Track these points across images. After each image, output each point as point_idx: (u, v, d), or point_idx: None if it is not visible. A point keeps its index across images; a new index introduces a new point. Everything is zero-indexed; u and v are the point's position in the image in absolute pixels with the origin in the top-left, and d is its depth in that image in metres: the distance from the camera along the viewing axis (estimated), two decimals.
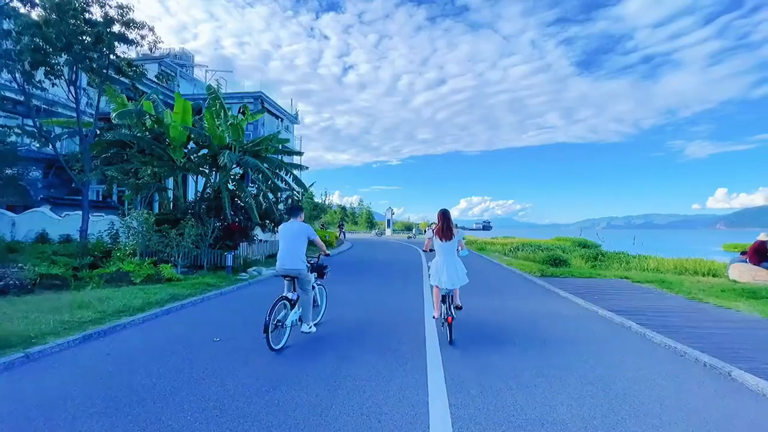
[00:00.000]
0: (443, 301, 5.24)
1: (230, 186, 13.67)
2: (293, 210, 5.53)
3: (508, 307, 7.29)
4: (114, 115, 12.23)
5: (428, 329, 5.55)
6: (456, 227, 5.33)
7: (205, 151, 13.60)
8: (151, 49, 11.23)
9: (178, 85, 27.32)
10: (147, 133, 12.99)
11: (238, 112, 13.76)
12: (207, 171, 14.05)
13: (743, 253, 12.52)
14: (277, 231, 5.55)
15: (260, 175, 13.52)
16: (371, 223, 74.62)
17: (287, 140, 16.28)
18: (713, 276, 12.62)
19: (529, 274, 11.33)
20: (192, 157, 14.16)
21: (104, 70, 11.13)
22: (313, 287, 5.38)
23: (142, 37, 11.16)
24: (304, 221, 5.41)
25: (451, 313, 5.06)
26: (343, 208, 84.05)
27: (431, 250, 5.52)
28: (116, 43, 10.82)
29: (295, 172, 17.83)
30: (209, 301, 7.66)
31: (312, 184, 38.55)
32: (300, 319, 5.17)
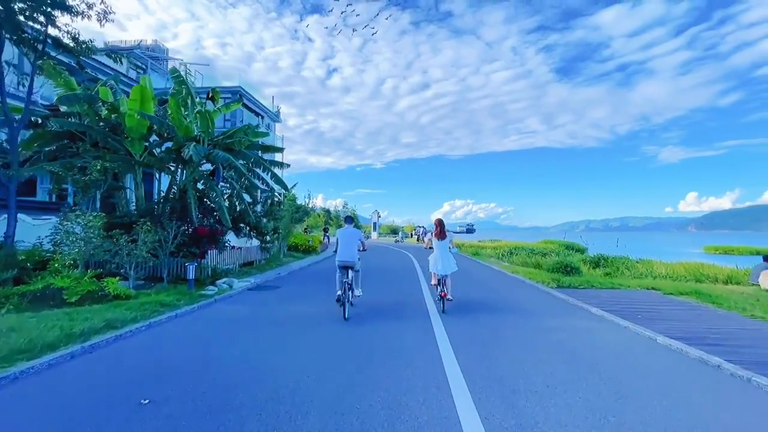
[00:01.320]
0: (438, 283, 7.41)
1: (199, 185, 11.88)
2: (348, 219, 7.81)
3: (542, 326, 5.92)
4: (56, 99, 10.32)
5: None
6: (448, 231, 7.84)
7: (169, 144, 11.80)
8: (100, 21, 9.42)
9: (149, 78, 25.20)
10: (101, 123, 11.11)
11: (207, 97, 12.00)
12: (173, 167, 12.22)
13: (766, 258, 11.57)
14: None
15: (233, 172, 11.80)
16: (357, 226, 73.10)
17: (266, 134, 14.59)
18: (736, 284, 11.60)
19: (542, 284, 10.00)
20: (154, 151, 12.31)
21: (40, 45, 9.24)
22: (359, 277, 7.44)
23: (89, 6, 9.33)
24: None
25: (445, 290, 7.16)
26: (327, 211, 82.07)
27: (430, 248, 8.20)
28: (56, 12, 8.97)
29: (277, 171, 16.15)
30: (158, 328, 5.94)
31: (294, 185, 36.74)
32: (352, 290, 6.84)
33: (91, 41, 10.01)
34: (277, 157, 33.95)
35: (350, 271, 6.78)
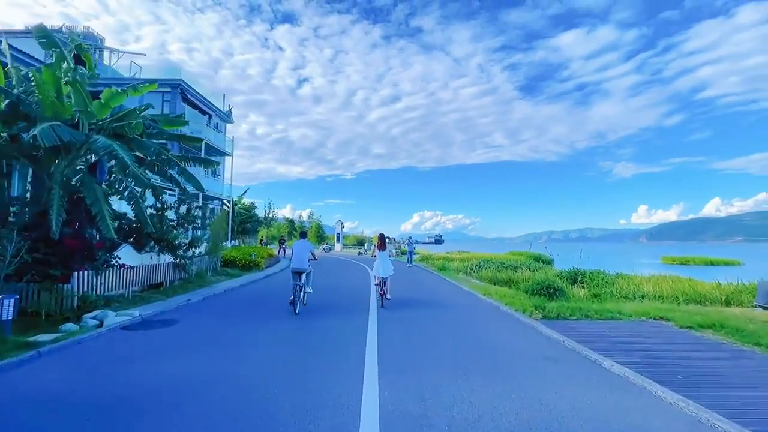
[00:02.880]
0: (378, 284, 9.46)
1: (73, 182, 8.85)
2: (302, 233, 9.90)
3: (531, 407, 3.57)
4: None
5: None
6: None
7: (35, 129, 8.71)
8: None
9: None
10: None
11: (75, 61, 8.96)
12: (40, 158, 9.10)
13: None
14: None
15: (143, 169, 8.88)
16: (321, 237, 69.37)
17: (184, 122, 11.67)
18: (738, 305, 10.01)
19: (522, 313, 7.82)
20: (20, 136, 9.17)
21: None
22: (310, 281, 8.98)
23: None
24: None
25: (384, 289, 9.27)
26: (291, 222, 78.23)
27: (374, 256, 11.25)
28: None
29: (224, 177, 13.22)
30: None
31: (245, 192, 33.46)
32: (304, 290, 8.54)
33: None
34: (227, 161, 30.51)
35: (303, 275, 8.41)
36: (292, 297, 8.16)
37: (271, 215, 67.80)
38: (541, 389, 4.08)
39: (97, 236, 8.94)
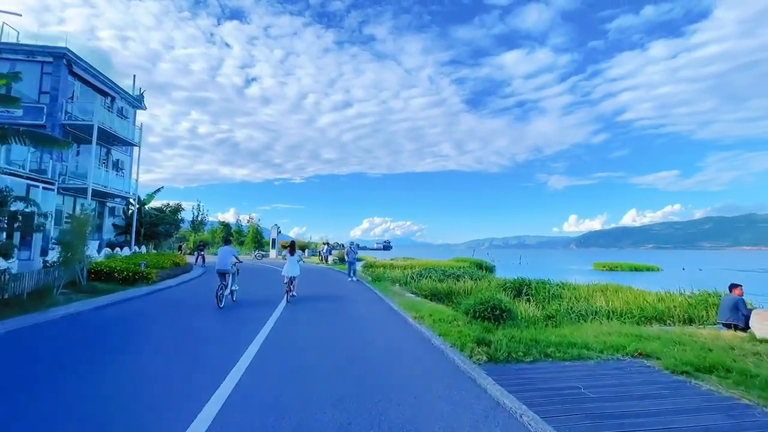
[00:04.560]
0: (287, 282, 10.64)
1: None
2: (226, 240, 12.35)
3: None
4: None
5: None
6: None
7: None
8: None
9: None
10: None
11: None
12: None
13: (733, 287, 8.88)
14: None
15: None
16: (259, 242, 64.08)
17: (14, 75, 8.09)
18: (702, 324, 8.69)
19: (460, 352, 5.54)
20: None
21: None
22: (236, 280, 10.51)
23: None
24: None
25: (291, 287, 10.65)
26: (227, 225, 71.91)
27: (284, 258, 13.35)
28: None
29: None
30: None
31: (157, 191, 28.69)
32: (229, 289, 10.00)
33: None
34: (135, 153, 25.73)
35: (227, 276, 9.91)
36: (218, 293, 9.51)
37: (201, 218, 61.47)
38: None
39: None
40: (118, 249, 20.60)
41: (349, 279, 17.32)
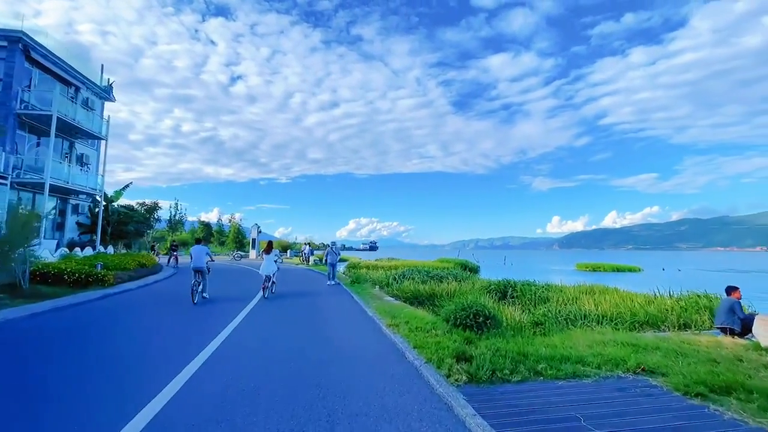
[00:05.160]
0: (265, 279, 11.50)
1: None
2: (198, 240, 12.85)
3: None
4: None
5: None
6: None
7: None
8: None
9: None
10: None
11: None
12: None
13: (731, 290, 8.34)
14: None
15: None
16: (241, 242, 62.26)
17: None
18: (695, 327, 8.11)
19: (437, 369, 4.71)
20: None
21: None
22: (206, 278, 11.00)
23: None
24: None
25: (269, 286, 11.50)
26: (208, 225, 69.80)
27: (261, 258, 13.21)
28: None
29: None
30: None
31: (125, 187, 27.09)
32: (202, 291, 10.60)
33: None
34: (102, 147, 24.14)
35: (201, 273, 10.53)
36: (193, 289, 10.20)
37: (178, 218, 59.26)
38: None
39: None
40: (78, 249, 19.12)
41: (329, 282, 15.84)
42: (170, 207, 57.19)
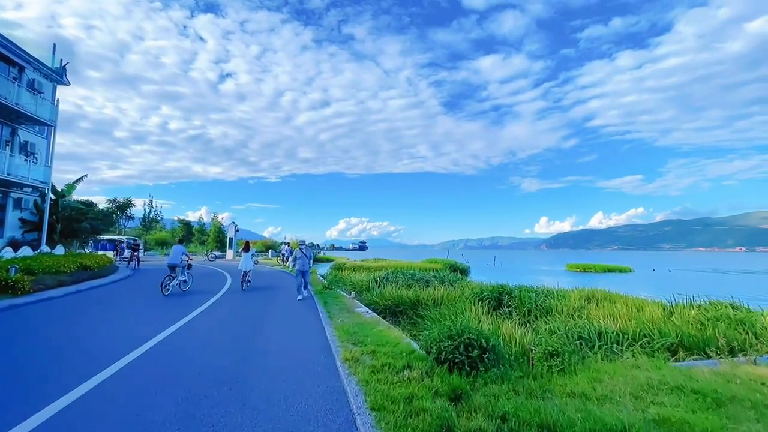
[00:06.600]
0: (243, 274, 13.28)
1: None
2: (179, 240, 15.27)
3: None
4: None
5: None
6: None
7: None
8: None
9: None
10: None
11: None
12: None
13: None
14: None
15: None
16: (221, 242, 59.34)
17: None
18: (742, 352, 6.25)
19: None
20: None
21: None
22: (185, 273, 12.48)
23: None
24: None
25: (246, 280, 13.33)
26: (187, 224, 66.70)
27: (239, 256, 21.01)
28: None
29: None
30: None
31: (80, 179, 24.52)
32: (180, 286, 12.16)
33: None
34: (52, 135, 21.52)
35: (176, 269, 11.81)
36: (163, 282, 11.45)
37: (153, 216, 56.14)
38: None
39: None
40: (9, 249, 16.58)
41: (298, 297, 11.62)
42: (144, 205, 54.13)
